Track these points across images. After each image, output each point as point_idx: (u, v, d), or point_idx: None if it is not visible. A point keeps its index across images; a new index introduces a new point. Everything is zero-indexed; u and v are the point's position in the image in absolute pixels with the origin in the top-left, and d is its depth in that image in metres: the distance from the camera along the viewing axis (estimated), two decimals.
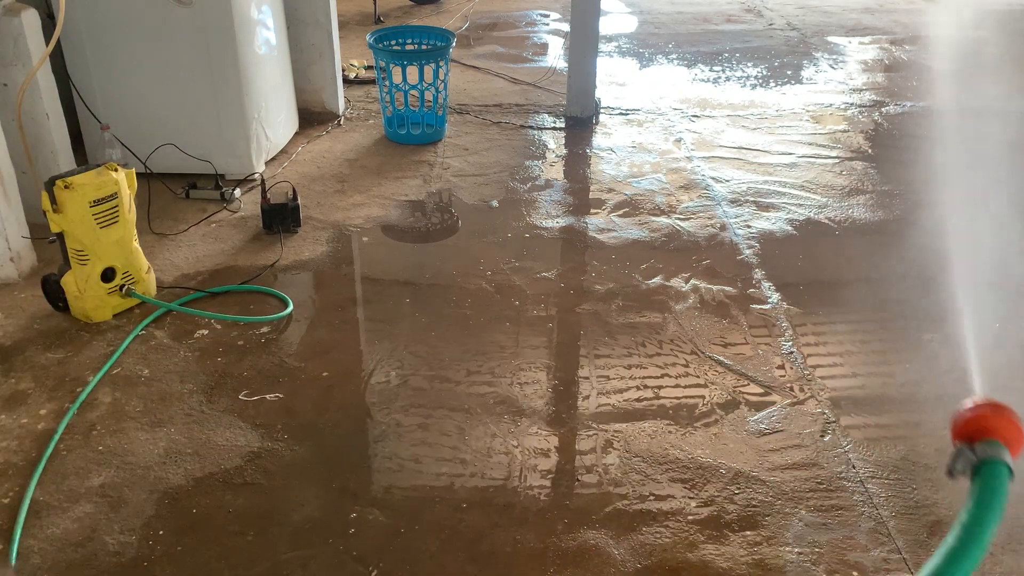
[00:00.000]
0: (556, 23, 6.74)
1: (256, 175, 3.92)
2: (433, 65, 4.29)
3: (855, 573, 2.06)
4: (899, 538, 2.16)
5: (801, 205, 3.87)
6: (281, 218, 3.53)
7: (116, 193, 2.84)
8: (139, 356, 2.78)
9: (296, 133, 4.47)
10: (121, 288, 2.94)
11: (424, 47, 4.56)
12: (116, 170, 2.87)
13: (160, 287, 3.13)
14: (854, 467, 2.38)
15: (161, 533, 2.13)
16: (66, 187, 2.71)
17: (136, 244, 2.98)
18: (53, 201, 2.73)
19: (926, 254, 2.56)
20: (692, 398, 2.64)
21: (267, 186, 3.59)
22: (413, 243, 3.58)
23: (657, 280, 3.26)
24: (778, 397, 2.65)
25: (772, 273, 3.32)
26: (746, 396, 2.65)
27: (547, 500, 2.26)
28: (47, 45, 3.21)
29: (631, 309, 3.08)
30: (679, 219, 3.73)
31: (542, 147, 4.47)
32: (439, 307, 3.08)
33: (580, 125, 4.74)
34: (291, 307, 3.01)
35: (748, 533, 2.16)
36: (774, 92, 5.33)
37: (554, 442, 2.47)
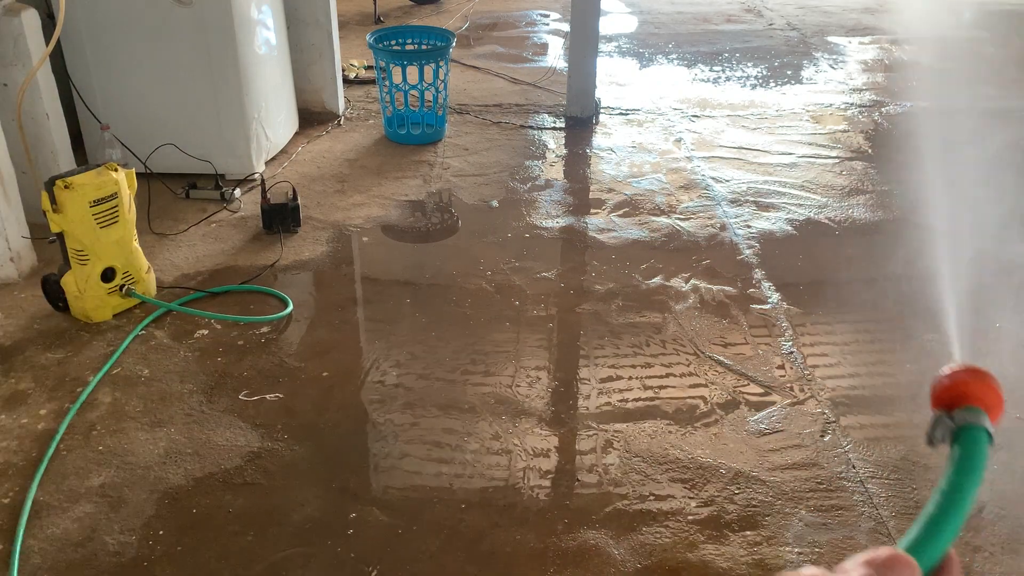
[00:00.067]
0: (556, 23, 6.73)
1: (256, 175, 3.91)
2: (433, 65, 4.29)
3: None
4: (899, 538, 2.15)
5: (801, 205, 3.87)
6: (281, 218, 3.52)
7: (116, 193, 2.84)
8: (139, 356, 2.78)
9: (296, 133, 4.46)
10: (121, 288, 2.94)
11: (424, 47, 4.56)
12: (116, 170, 2.87)
13: (160, 287, 3.13)
14: (854, 467, 2.38)
15: (161, 533, 2.13)
16: (66, 187, 2.71)
17: (136, 244, 2.98)
18: (53, 201, 2.73)
19: (926, 254, 2.55)
20: (692, 398, 2.64)
21: (267, 186, 3.59)
22: (413, 243, 3.58)
23: (657, 280, 3.26)
24: (778, 397, 2.65)
25: (772, 273, 3.31)
26: (746, 396, 2.65)
27: (547, 500, 2.26)
28: (47, 45, 3.21)
29: (631, 309, 3.08)
30: (679, 219, 3.73)
31: (542, 147, 4.47)
32: (439, 307, 3.08)
33: (580, 125, 4.74)
34: (291, 307, 3.01)
35: (748, 533, 2.16)
36: (774, 92, 5.32)
37: (554, 442, 2.47)
